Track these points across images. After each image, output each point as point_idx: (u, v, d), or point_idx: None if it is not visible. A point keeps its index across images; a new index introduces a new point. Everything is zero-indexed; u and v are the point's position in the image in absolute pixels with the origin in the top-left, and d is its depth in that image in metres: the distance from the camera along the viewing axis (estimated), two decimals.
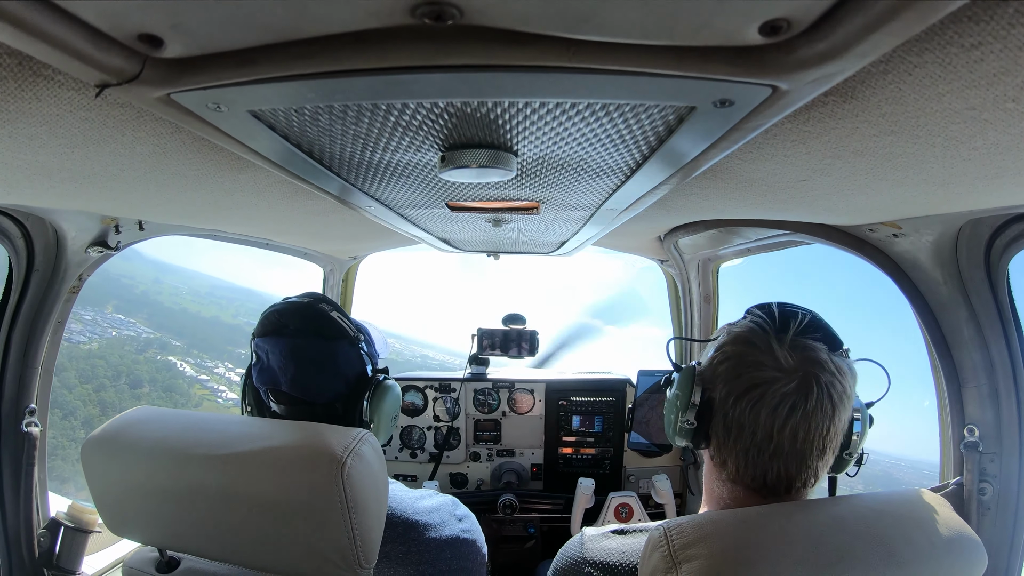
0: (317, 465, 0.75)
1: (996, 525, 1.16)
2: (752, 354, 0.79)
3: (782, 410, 0.75)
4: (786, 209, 1.18)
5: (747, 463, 0.79)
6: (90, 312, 55.77)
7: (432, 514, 1.03)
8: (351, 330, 1.04)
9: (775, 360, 0.77)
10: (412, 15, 0.39)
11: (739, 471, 0.80)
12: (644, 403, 2.19)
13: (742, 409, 0.77)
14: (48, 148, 0.74)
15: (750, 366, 0.78)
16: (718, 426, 0.81)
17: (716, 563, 0.64)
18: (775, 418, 0.76)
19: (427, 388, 2.52)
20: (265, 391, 1.00)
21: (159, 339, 59.23)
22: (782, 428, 0.76)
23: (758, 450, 0.77)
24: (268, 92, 0.51)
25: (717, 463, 0.84)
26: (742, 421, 0.78)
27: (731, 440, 0.80)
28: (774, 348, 0.78)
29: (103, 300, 61.14)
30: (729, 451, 0.80)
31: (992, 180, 0.77)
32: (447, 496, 1.12)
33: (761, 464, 0.78)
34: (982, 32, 0.42)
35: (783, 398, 0.75)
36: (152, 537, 0.88)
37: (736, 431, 0.79)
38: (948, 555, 0.72)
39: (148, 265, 79.76)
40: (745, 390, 0.77)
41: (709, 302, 2.33)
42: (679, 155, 0.71)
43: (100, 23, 0.40)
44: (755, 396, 0.77)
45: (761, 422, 0.76)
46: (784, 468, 0.78)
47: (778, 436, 0.76)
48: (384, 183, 0.94)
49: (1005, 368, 1.16)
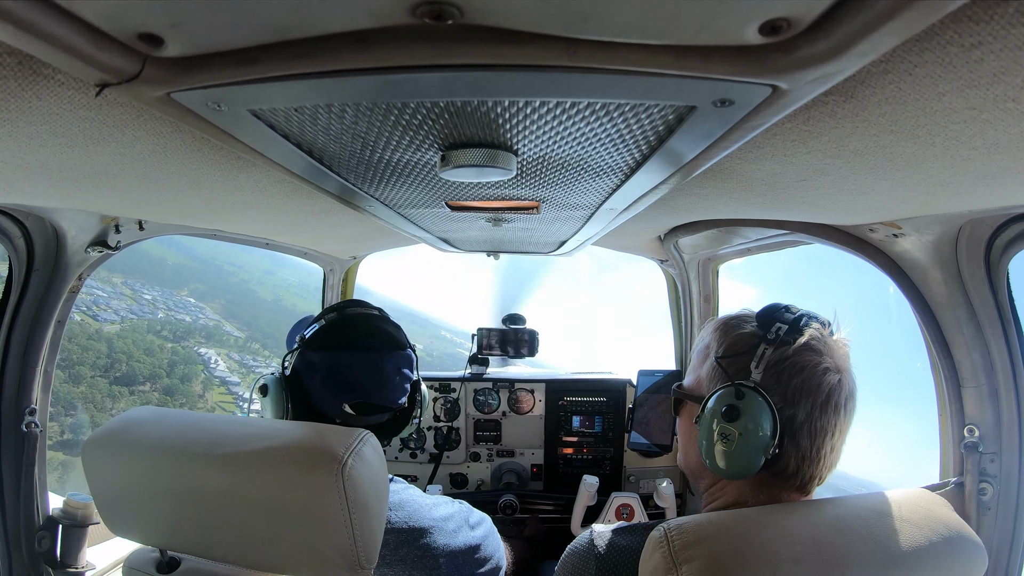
0: (318, 465, 0.75)
1: (996, 525, 1.16)
2: (819, 360, 0.81)
3: (850, 405, 0.82)
4: (786, 209, 1.18)
5: (815, 464, 0.81)
6: (151, 292, 53.41)
7: (447, 521, 1.04)
8: (407, 339, 1.15)
9: (835, 361, 0.82)
10: (412, 14, 0.39)
11: (797, 471, 0.80)
12: (645, 403, 2.18)
13: (828, 417, 0.79)
14: (48, 147, 0.74)
15: (822, 373, 0.80)
16: (803, 439, 0.79)
17: (716, 564, 0.64)
18: (837, 417, 0.80)
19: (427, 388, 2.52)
20: (338, 404, 1.04)
21: (214, 326, 57.31)
22: (846, 421, 0.81)
23: (832, 448, 0.81)
24: (268, 91, 0.51)
25: (772, 472, 0.81)
26: (826, 427, 0.79)
27: (813, 450, 0.80)
28: (833, 349, 0.82)
29: (181, 283, 59.29)
30: (810, 461, 0.80)
31: (992, 180, 0.77)
32: (462, 503, 1.12)
33: (826, 459, 0.81)
34: (982, 32, 0.42)
35: (850, 394, 0.82)
36: (153, 537, 0.88)
37: (821, 439, 0.80)
38: (948, 555, 0.72)
39: (267, 257, 78.90)
40: (827, 397, 0.79)
41: (709, 302, 2.33)
42: (679, 155, 0.71)
43: (100, 22, 0.40)
44: (834, 401, 0.80)
45: (840, 422, 0.80)
46: (834, 458, 0.83)
47: (843, 428, 0.81)
48: (384, 182, 0.94)
49: (1005, 368, 1.16)
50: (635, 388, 2.31)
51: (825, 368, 0.79)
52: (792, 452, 0.79)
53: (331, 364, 1.03)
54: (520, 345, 2.50)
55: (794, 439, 0.78)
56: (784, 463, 0.80)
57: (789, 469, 0.80)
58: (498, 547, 1.13)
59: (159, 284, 56.12)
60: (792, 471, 0.80)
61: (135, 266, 56.92)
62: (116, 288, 51.11)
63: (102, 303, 46.63)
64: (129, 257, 52.12)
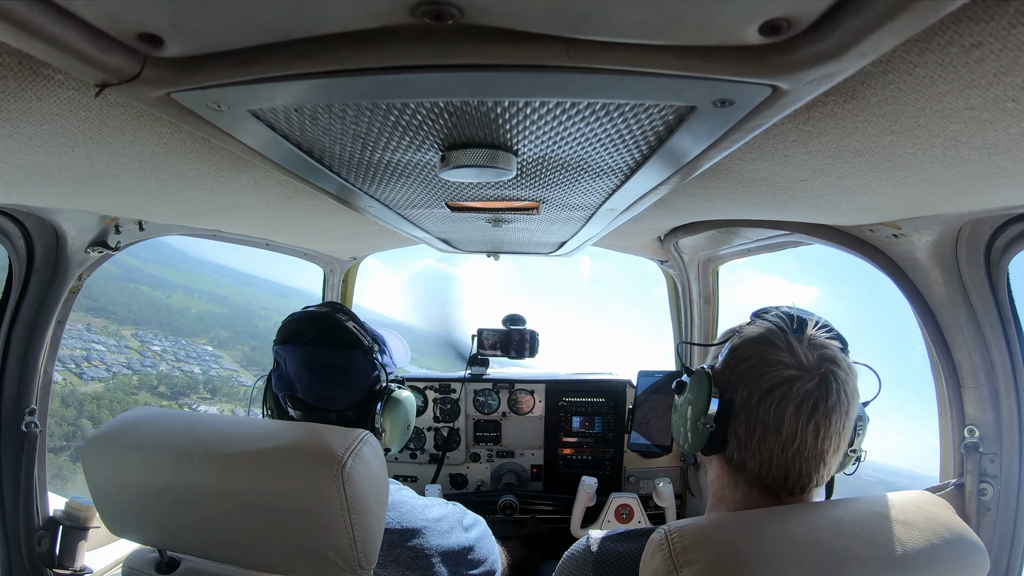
0: (317, 465, 0.75)
1: (996, 526, 1.16)
2: (773, 353, 0.79)
3: (806, 407, 0.76)
4: (786, 209, 1.18)
5: (771, 463, 0.79)
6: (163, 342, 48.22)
7: (440, 522, 1.03)
8: (366, 339, 1.05)
9: (796, 358, 0.78)
10: (412, 14, 0.39)
11: (760, 472, 0.80)
12: (644, 404, 2.18)
13: (767, 408, 0.78)
14: (48, 147, 0.74)
15: (772, 365, 0.79)
16: (739, 427, 0.80)
17: (717, 567, 0.64)
18: (799, 416, 0.76)
19: (427, 389, 2.52)
20: (283, 397, 1.03)
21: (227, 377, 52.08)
22: (806, 425, 0.76)
23: (782, 448, 0.78)
24: (268, 91, 0.51)
25: (734, 466, 0.83)
26: (767, 420, 0.78)
27: (755, 441, 0.79)
28: (794, 347, 0.79)
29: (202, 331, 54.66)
30: (752, 452, 0.80)
31: (992, 180, 0.77)
32: (455, 504, 1.12)
33: (784, 463, 0.79)
34: (982, 32, 0.42)
35: (806, 395, 0.77)
36: (152, 537, 0.88)
37: (761, 431, 0.79)
38: (949, 558, 0.72)
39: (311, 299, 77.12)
40: (768, 389, 0.78)
41: (709, 303, 2.33)
42: (679, 155, 0.71)
43: (100, 22, 0.40)
44: (779, 395, 0.77)
45: (786, 420, 0.77)
46: (804, 466, 0.79)
47: (802, 434, 0.77)
48: (384, 183, 0.94)
49: (1005, 368, 1.15)
50: (635, 389, 2.31)
51: (777, 361, 0.79)
52: (733, 439, 0.82)
53: (277, 359, 1.03)
54: (520, 346, 2.50)
55: (734, 425, 0.81)
56: (731, 452, 0.83)
57: (735, 460, 0.82)
58: (492, 550, 1.13)
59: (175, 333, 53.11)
60: (739, 463, 0.82)
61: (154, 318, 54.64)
62: (121, 341, 47.15)
63: (95, 358, 41.35)
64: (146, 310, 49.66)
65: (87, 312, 44.56)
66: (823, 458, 0.79)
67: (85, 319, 43.12)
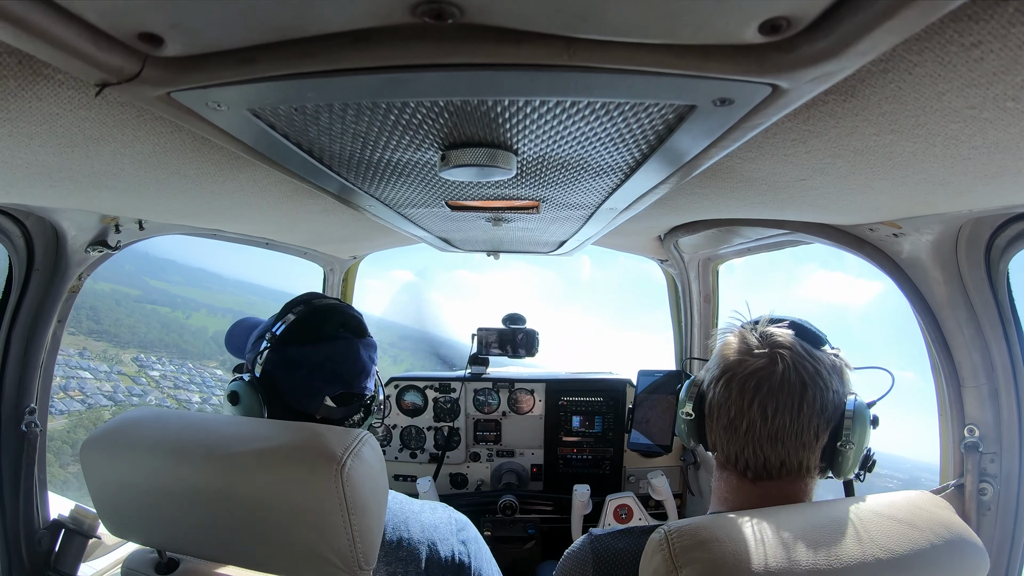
0: (317, 466, 0.75)
1: (996, 526, 1.16)
2: (728, 345, 0.87)
3: (749, 384, 0.81)
4: (786, 208, 1.18)
5: (728, 444, 0.84)
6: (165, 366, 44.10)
7: (435, 531, 1.03)
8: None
9: (746, 344, 0.85)
10: (412, 14, 0.39)
11: (727, 457, 0.86)
12: (644, 403, 2.18)
13: (719, 390, 0.84)
14: (48, 147, 0.74)
15: (724, 353, 0.86)
16: (711, 418, 0.87)
17: (716, 567, 0.64)
18: (744, 393, 0.81)
19: (427, 388, 2.52)
20: (319, 397, 1.01)
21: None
22: (751, 403, 0.80)
23: (734, 429, 0.83)
24: (268, 91, 0.51)
25: (720, 460, 0.89)
26: (720, 401, 0.84)
27: (713, 422, 0.86)
28: (746, 337, 0.86)
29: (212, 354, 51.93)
30: (718, 437, 0.86)
31: (992, 179, 0.77)
32: (447, 507, 1.12)
33: (737, 443, 0.83)
34: (982, 31, 0.42)
35: (750, 375, 0.81)
36: (151, 538, 0.88)
37: (716, 412, 0.85)
38: (949, 559, 0.72)
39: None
40: (720, 373, 0.85)
41: (709, 302, 2.33)
42: (679, 154, 0.71)
43: (100, 22, 0.40)
44: (728, 376, 0.83)
45: (733, 399, 0.82)
46: (760, 449, 0.81)
47: (748, 411, 0.81)
48: (384, 182, 0.94)
49: (1005, 368, 1.15)
50: (635, 388, 2.31)
51: (730, 350, 0.86)
52: (708, 430, 0.88)
53: (313, 357, 1.00)
54: (520, 345, 2.50)
55: (708, 418, 0.88)
56: (711, 443, 0.89)
57: (715, 449, 0.88)
58: (485, 556, 1.12)
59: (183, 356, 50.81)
60: (715, 452, 0.89)
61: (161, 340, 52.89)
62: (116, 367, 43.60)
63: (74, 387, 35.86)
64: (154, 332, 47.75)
65: (88, 335, 43.05)
66: (780, 442, 0.80)
67: (83, 343, 41.51)
